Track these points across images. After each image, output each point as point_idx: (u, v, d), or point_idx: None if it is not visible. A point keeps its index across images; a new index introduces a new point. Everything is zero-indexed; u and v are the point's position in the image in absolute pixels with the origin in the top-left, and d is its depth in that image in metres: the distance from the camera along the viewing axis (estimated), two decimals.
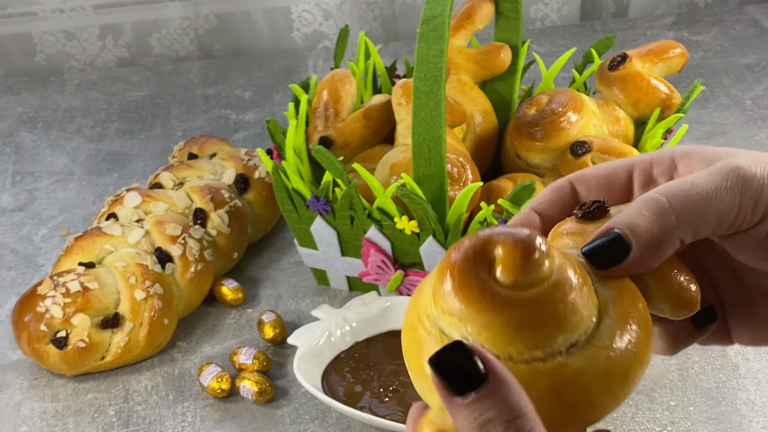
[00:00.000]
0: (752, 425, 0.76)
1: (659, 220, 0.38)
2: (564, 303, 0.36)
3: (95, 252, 0.88)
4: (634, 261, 0.39)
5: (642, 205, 0.39)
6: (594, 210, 0.41)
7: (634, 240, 0.38)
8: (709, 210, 0.39)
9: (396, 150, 0.87)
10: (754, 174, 0.39)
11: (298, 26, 1.37)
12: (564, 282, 0.37)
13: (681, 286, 0.40)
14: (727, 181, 0.39)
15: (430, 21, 0.73)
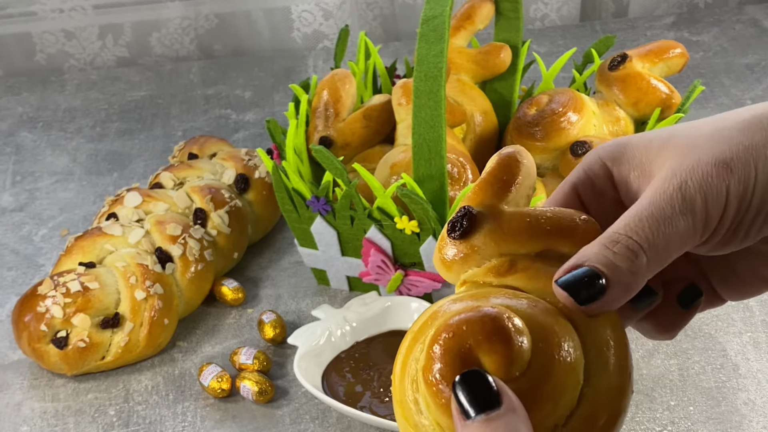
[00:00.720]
0: (752, 425, 0.76)
1: (634, 260, 0.39)
2: (557, 375, 0.37)
3: (95, 252, 0.88)
4: (609, 299, 0.39)
5: (610, 243, 0.39)
6: (460, 220, 0.41)
7: (611, 278, 0.38)
8: (671, 242, 0.39)
9: (396, 150, 0.87)
10: (696, 193, 0.39)
11: (298, 26, 1.37)
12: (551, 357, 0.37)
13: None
14: (675, 207, 0.39)
15: (430, 21, 0.73)
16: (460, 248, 0.40)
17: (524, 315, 0.37)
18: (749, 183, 0.40)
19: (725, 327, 0.85)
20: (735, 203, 0.40)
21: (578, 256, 0.39)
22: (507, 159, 0.42)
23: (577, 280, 0.38)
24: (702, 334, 0.85)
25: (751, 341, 0.84)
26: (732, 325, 0.85)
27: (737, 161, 0.40)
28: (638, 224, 0.39)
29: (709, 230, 0.40)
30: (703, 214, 0.39)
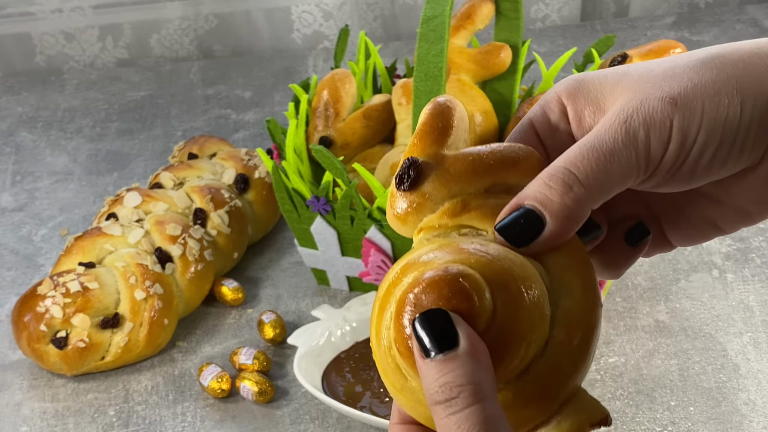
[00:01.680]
0: (752, 425, 0.76)
1: (569, 192, 0.39)
2: (523, 317, 0.37)
3: (95, 252, 0.88)
4: (551, 235, 0.39)
5: (548, 178, 0.39)
6: (407, 171, 0.41)
7: (548, 214, 0.39)
8: (612, 174, 0.39)
9: (396, 150, 0.87)
10: (639, 126, 0.39)
11: (298, 27, 1.37)
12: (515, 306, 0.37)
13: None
14: (617, 140, 0.39)
15: (430, 21, 0.73)
16: (411, 199, 0.41)
17: (480, 264, 0.38)
18: (694, 118, 0.39)
19: (725, 327, 0.85)
20: (679, 138, 0.39)
21: (518, 196, 0.40)
22: (439, 107, 0.42)
23: (514, 222, 0.39)
24: (702, 334, 0.85)
25: (751, 341, 0.84)
26: (732, 325, 0.85)
27: (684, 97, 0.40)
28: (578, 156, 0.39)
29: (652, 165, 0.40)
30: (645, 147, 0.39)
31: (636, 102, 0.40)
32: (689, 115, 0.39)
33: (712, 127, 0.39)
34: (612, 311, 0.88)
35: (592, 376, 0.81)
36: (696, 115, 0.39)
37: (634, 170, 0.40)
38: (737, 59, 0.40)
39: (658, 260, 0.93)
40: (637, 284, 0.90)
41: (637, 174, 0.40)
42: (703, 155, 0.40)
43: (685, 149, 0.40)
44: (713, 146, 0.40)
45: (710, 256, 0.93)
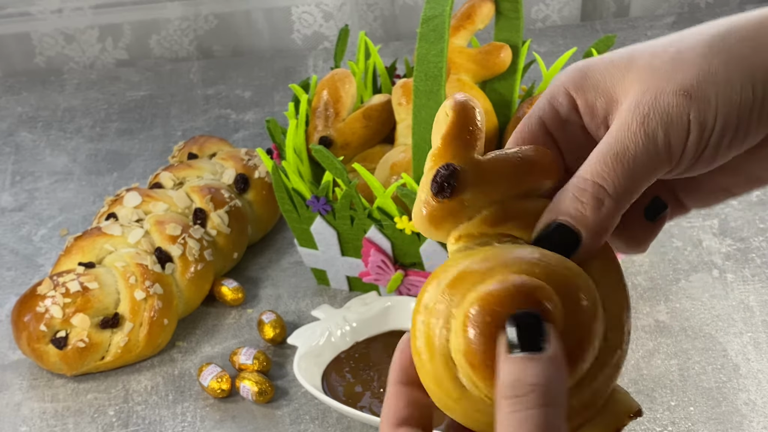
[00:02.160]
0: (753, 425, 0.76)
1: (600, 207, 0.40)
2: (588, 332, 0.38)
3: (95, 252, 0.88)
4: (587, 249, 0.40)
5: (579, 192, 0.40)
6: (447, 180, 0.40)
7: (582, 229, 0.40)
8: (637, 178, 0.40)
9: (396, 150, 0.87)
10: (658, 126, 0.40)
11: (299, 27, 1.37)
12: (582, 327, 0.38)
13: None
14: (638, 143, 0.40)
15: (430, 21, 0.73)
16: (449, 206, 0.40)
17: (545, 273, 0.38)
18: (710, 109, 0.40)
19: (726, 327, 0.85)
20: (697, 130, 0.40)
21: (551, 210, 0.40)
22: (465, 107, 0.41)
23: (551, 236, 0.40)
24: (702, 334, 0.85)
25: (751, 341, 0.83)
26: (732, 325, 0.85)
27: (697, 88, 0.40)
28: (603, 168, 0.40)
29: (674, 160, 0.41)
30: (666, 146, 0.40)
31: (650, 97, 0.40)
32: (704, 106, 0.40)
33: (727, 113, 0.40)
34: None
35: None
36: (711, 105, 0.40)
37: (659, 169, 0.40)
38: (744, 36, 0.41)
39: (658, 260, 0.93)
40: (637, 284, 0.90)
41: (660, 171, 0.41)
42: (722, 141, 0.41)
43: (704, 139, 0.40)
44: (731, 131, 0.41)
45: (710, 256, 0.93)
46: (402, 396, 0.41)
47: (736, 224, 0.97)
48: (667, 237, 0.96)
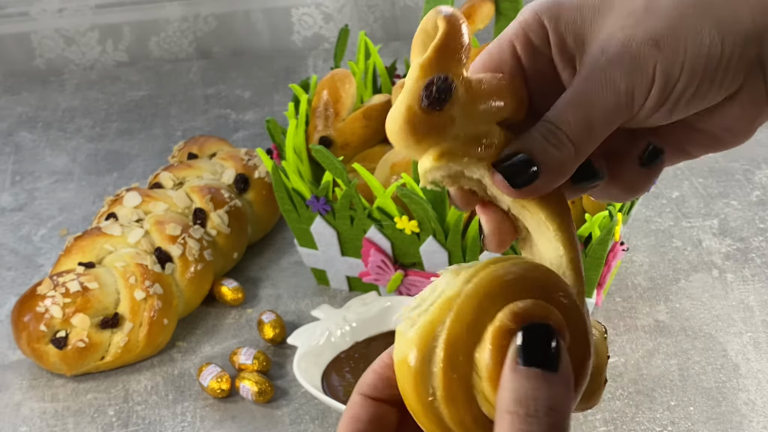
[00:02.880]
0: (752, 425, 0.76)
1: (561, 149, 0.40)
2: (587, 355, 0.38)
3: (95, 252, 0.88)
4: (541, 185, 0.40)
5: (545, 132, 0.40)
6: (442, 92, 0.39)
7: (542, 167, 0.40)
8: (596, 125, 0.40)
9: (396, 150, 0.87)
10: (623, 75, 0.39)
11: (299, 29, 1.37)
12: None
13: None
14: (601, 90, 0.40)
15: None
16: (437, 120, 0.39)
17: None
18: (677, 60, 0.39)
19: (725, 327, 0.85)
20: (661, 81, 0.40)
21: (517, 143, 0.40)
22: (457, 21, 0.39)
23: (512, 166, 0.40)
24: (702, 334, 0.85)
25: (751, 341, 0.83)
26: (732, 325, 0.85)
27: (666, 38, 0.39)
28: (567, 113, 0.40)
29: (636, 109, 0.40)
30: (629, 96, 0.40)
31: (617, 42, 0.40)
32: (672, 56, 0.39)
33: (694, 67, 0.39)
34: (612, 311, 0.88)
35: None
36: (679, 57, 0.39)
37: (619, 117, 0.40)
38: None
39: (657, 260, 0.93)
40: (637, 284, 0.90)
41: (620, 119, 0.40)
42: (684, 94, 0.40)
43: (667, 91, 0.40)
44: (694, 85, 0.40)
45: (710, 256, 0.93)
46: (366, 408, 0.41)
47: (735, 224, 0.97)
48: (667, 237, 0.96)
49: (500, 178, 0.40)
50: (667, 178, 1.04)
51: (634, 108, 0.40)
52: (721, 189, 1.02)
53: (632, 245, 0.95)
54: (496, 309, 0.37)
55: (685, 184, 1.03)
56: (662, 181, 1.04)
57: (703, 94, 0.41)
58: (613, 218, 0.76)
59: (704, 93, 0.41)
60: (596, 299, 0.82)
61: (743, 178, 1.04)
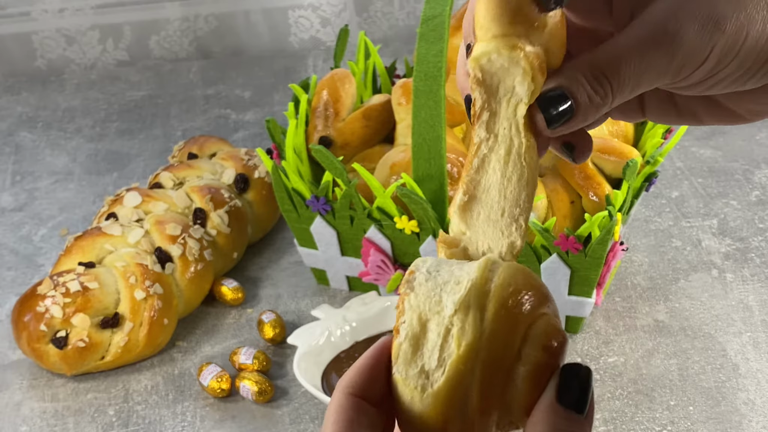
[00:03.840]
0: (752, 425, 0.76)
1: (604, 98, 0.40)
2: None
3: (95, 252, 0.88)
4: (572, 124, 0.41)
5: (591, 74, 0.40)
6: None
7: (578, 108, 0.40)
8: (644, 85, 0.41)
9: (396, 150, 0.87)
10: (680, 47, 0.40)
11: (295, 31, 1.37)
12: None
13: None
14: (657, 52, 0.40)
15: (430, 21, 0.73)
16: (537, 15, 0.39)
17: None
18: (734, 48, 0.40)
19: (725, 327, 0.85)
20: (713, 62, 0.40)
21: (561, 76, 0.41)
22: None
23: (550, 100, 0.40)
24: (702, 334, 0.85)
25: (750, 341, 0.84)
26: (732, 325, 0.85)
27: (729, 22, 0.39)
28: (620, 63, 0.40)
29: (678, 80, 0.41)
30: (679, 67, 0.40)
31: (681, 15, 0.40)
32: (730, 42, 0.40)
33: (746, 57, 0.40)
34: (611, 311, 0.88)
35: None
36: (736, 45, 0.40)
37: (662, 82, 0.41)
38: None
39: (657, 260, 0.93)
40: (636, 284, 0.91)
41: (663, 82, 0.41)
42: (727, 78, 0.41)
43: (714, 72, 0.41)
44: (740, 72, 0.41)
45: (709, 256, 0.93)
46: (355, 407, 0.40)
47: (735, 224, 0.97)
48: (666, 237, 0.96)
49: (538, 112, 0.40)
50: (666, 178, 1.04)
51: (679, 78, 0.41)
52: (720, 189, 1.02)
53: (632, 245, 0.95)
54: (519, 338, 0.37)
55: (685, 184, 1.03)
56: (662, 181, 1.04)
57: (744, 82, 0.41)
58: (612, 218, 0.76)
59: (745, 81, 0.41)
60: (596, 299, 0.82)
61: (743, 178, 1.04)
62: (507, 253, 0.40)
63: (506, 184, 0.41)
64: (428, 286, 0.38)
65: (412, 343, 0.38)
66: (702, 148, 1.10)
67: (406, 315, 0.38)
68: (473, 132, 0.41)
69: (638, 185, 0.85)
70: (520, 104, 0.40)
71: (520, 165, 0.41)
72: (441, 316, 0.37)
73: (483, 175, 0.41)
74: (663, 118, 0.47)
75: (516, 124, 0.40)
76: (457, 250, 0.41)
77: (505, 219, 0.41)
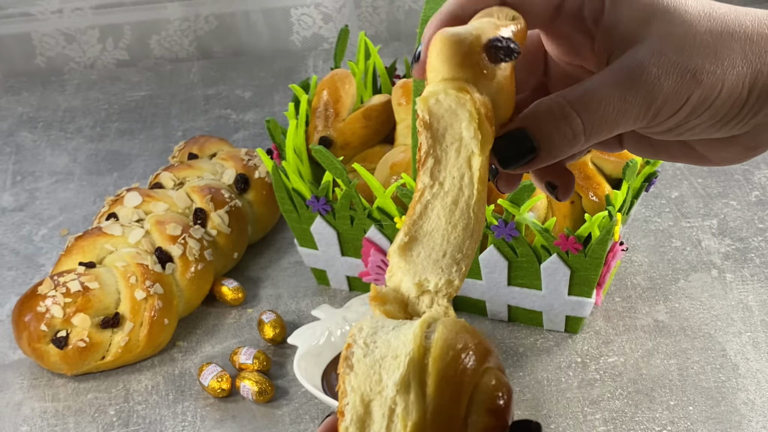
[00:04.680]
0: (752, 425, 0.76)
1: (573, 141, 0.40)
2: None
3: (95, 252, 0.88)
4: (532, 166, 0.41)
5: (561, 114, 0.40)
6: (505, 51, 0.39)
7: (543, 148, 0.40)
8: (616, 128, 0.40)
9: (396, 150, 0.87)
10: (659, 95, 0.40)
11: (298, 29, 1.37)
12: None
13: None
14: (635, 99, 0.40)
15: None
16: (486, 64, 0.39)
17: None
18: (709, 98, 0.40)
19: (725, 327, 0.85)
20: (687, 111, 0.41)
21: (524, 119, 0.40)
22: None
23: (513, 139, 0.40)
24: (701, 334, 0.85)
25: (750, 341, 0.84)
26: (731, 325, 0.85)
27: (708, 75, 0.40)
28: (593, 104, 0.40)
29: (652, 124, 0.41)
30: (655, 113, 0.40)
31: (662, 63, 0.40)
32: (706, 94, 0.40)
33: (719, 108, 0.41)
34: (611, 311, 0.88)
35: (592, 376, 0.81)
36: (711, 97, 0.40)
37: (638, 125, 0.41)
38: (753, 32, 0.41)
39: (657, 260, 0.93)
40: (636, 284, 0.91)
41: (634, 127, 0.41)
42: (699, 125, 0.41)
43: (688, 120, 0.41)
44: (713, 122, 0.41)
45: (709, 256, 0.93)
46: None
47: (735, 224, 0.97)
48: (666, 237, 0.96)
49: (492, 155, 0.40)
50: (666, 179, 1.04)
51: (654, 123, 0.41)
52: (720, 189, 1.02)
53: (632, 245, 0.95)
54: (464, 406, 0.36)
55: (685, 184, 1.04)
56: (662, 181, 1.04)
57: (715, 131, 0.42)
58: (612, 218, 0.76)
59: (716, 130, 0.42)
60: (596, 299, 0.82)
61: (742, 179, 1.04)
62: (444, 287, 0.40)
63: (450, 230, 0.41)
64: (367, 363, 0.37)
65: (358, 426, 0.37)
66: None
67: (349, 397, 0.37)
68: (417, 177, 0.41)
69: (638, 185, 0.85)
70: (474, 156, 0.40)
71: (467, 215, 0.40)
72: (383, 396, 0.37)
73: (426, 221, 0.41)
74: (640, 152, 0.48)
75: (470, 175, 0.40)
76: (391, 307, 0.41)
77: (446, 260, 0.40)
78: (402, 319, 0.40)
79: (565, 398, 0.79)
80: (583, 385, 0.80)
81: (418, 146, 0.41)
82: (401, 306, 0.41)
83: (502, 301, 0.85)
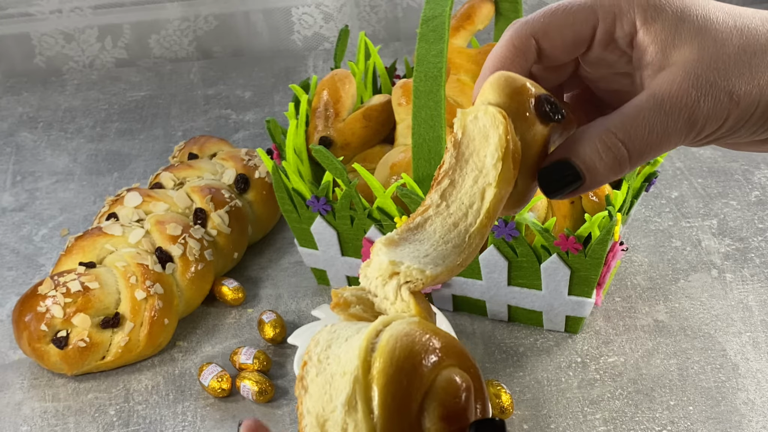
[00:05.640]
0: (752, 425, 0.76)
1: (616, 168, 0.41)
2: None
3: (96, 252, 0.88)
4: (574, 195, 0.42)
5: (603, 146, 0.41)
6: (552, 109, 0.41)
7: (588, 177, 0.41)
8: (658, 153, 0.42)
9: (396, 150, 0.88)
10: (700, 117, 0.41)
11: (298, 29, 1.37)
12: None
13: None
14: (678, 123, 0.41)
15: (430, 21, 0.73)
16: (531, 116, 0.41)
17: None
18: (746, 118, 0.42)
19: (725, 327, 0.85)
20: (725, 129, 0.42)
21: (569, 149, 0.41)
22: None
23: (556, 173, 0.41)
24: (701, 334, 0.85)
25: (750, 341, 0.84)
26: (731, 325, 0.85)
27: (746, 98, 0.41)
28: (637, 132, 0.41)
29: (694, 141, 0.43)
30: (697, 134, 0.42)
31: (700, 85, 0.41)
32: (744, 115, 0.42)
33: (757, 121, 0.42)
34: (611, 311, 0.88)
35: (592, 376, 0.81)
36: (749, 115, 0.42)
37: (676, 146, 0.42)
38: None
39: (657, 260, 0.93)
40: (636, 284, 0.91)
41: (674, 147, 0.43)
42: (739, 136, 0.43)
43: (726, 134, 0.43)
44: (751, 132, 0.43)
45: (709, 256, 0.93)
46: None
47: (735, 224, 0.97)
48: (666, 237, 0.96)
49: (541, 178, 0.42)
50: (666, 178, 1.04)
51: (694, 141, 0.42)
52: (720, 189, 1.02)
53: (632, 245, 0.95)
54: (415, 416, 0.36)
55: (685, 184, 1.04)
56: (662, 181, 1.04)
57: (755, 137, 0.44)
58: (612, 218, 0.76)
59: (756, 136, 0.44)
60: (596, 299, 0.82)
61: (742, 179, 1.04)
62: (414, 273, 0.40)
63: (441, 243, 0.41)
64: (319, 382, 0.37)
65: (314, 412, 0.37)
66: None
67: (306, 419, 0.37)
68: (429, 192, 0.42)
69: (638, 185, 0.85)
70: (489, 188, 0.40)
71: (462, 239, 0.41)
72: (335, 417, 0.37)
73: (421, 232, 0.42)
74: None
75: (479, 206, 0.41)
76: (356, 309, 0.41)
77: (426, 259, 0.41)
78: (366, 321, 0.39)
79: (565, 398, 0.79)
80: (583, 385, 0.80)
81: (441, 162, 0.42)
82: (367, 306, 0.41)
83: (502, 301, 0.85)
